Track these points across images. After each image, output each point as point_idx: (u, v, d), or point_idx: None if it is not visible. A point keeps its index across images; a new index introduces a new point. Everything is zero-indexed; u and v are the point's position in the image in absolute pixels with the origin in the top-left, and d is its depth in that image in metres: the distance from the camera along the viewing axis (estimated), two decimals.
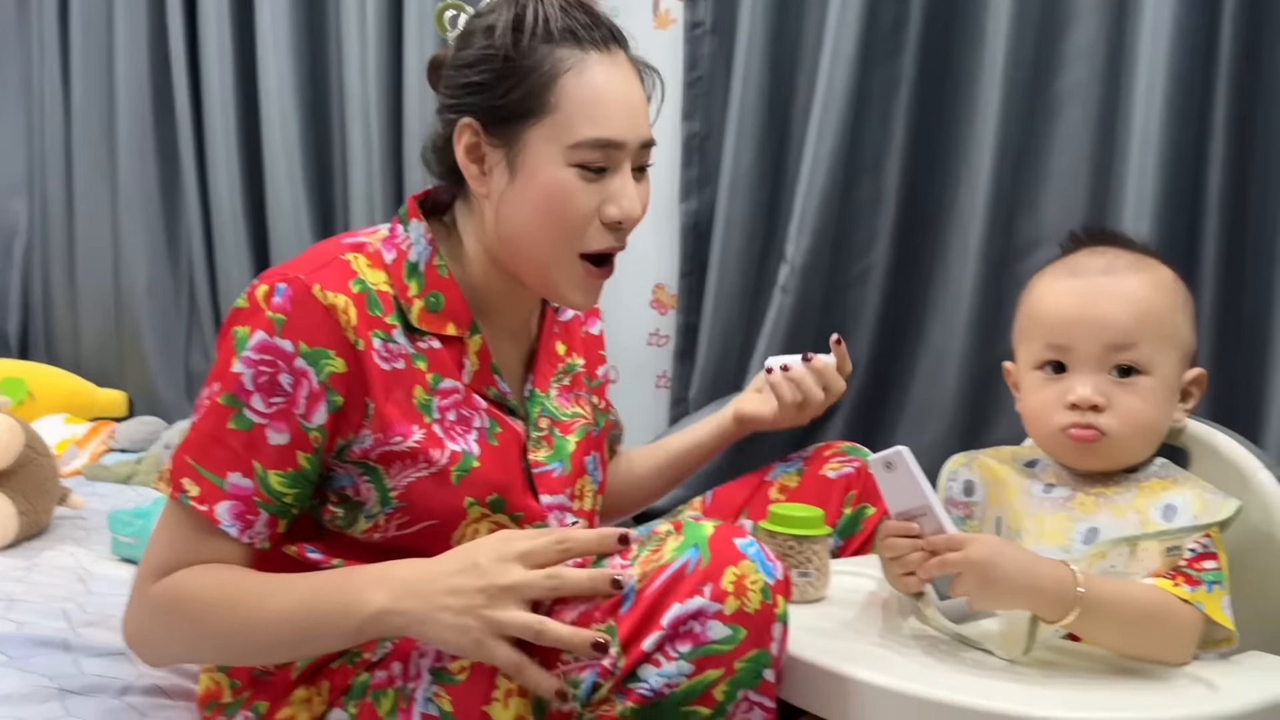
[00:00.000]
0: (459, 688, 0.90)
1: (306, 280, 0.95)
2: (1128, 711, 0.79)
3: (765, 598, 0.82)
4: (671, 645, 0.81)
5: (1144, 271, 0.95)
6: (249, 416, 0.94)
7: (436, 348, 1.02)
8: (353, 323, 0.96)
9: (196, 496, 0.94)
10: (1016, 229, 1.62)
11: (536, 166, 0.99)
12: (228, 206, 2.30)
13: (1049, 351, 0.93)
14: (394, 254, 1.02)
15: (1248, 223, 1.47)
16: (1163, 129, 1.46)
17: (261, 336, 0.94)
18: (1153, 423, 0.92)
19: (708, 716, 0.82)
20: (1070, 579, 0.82)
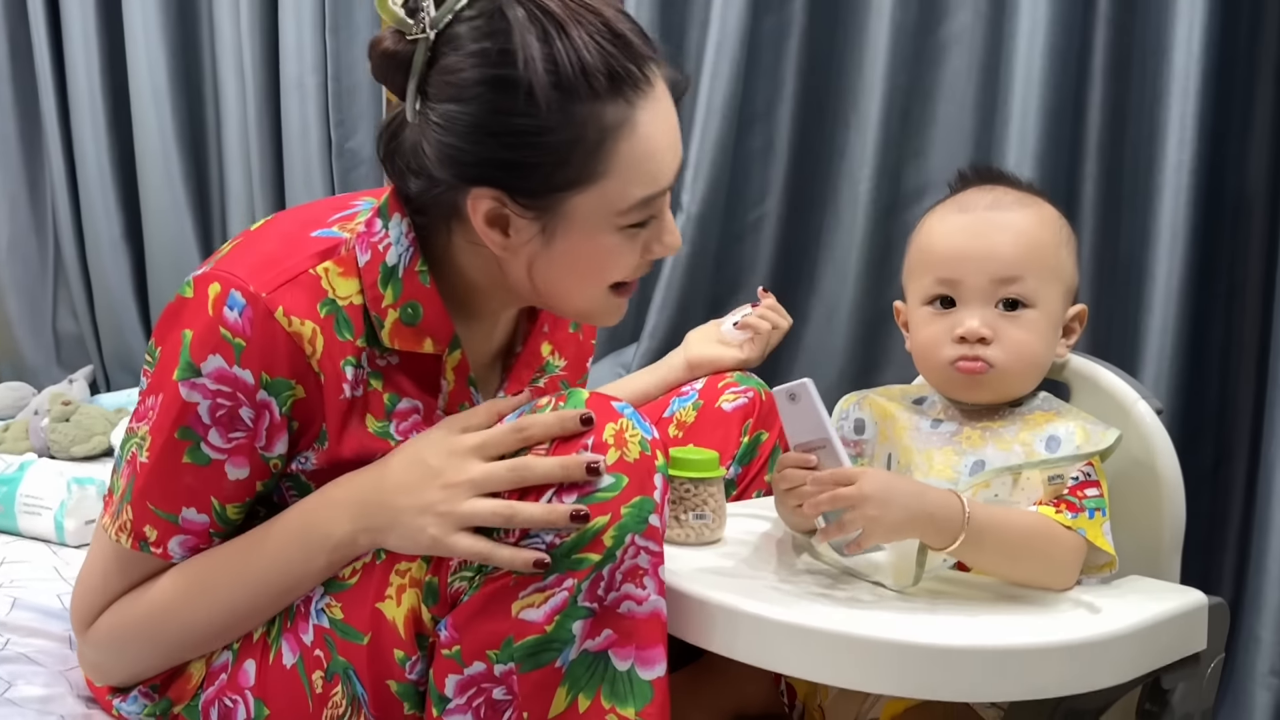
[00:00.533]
0: (349, 592, 0.88)
1: (269, 302, 0.85)
2: (1013, 636, 0.80)
3: (645, 449, 0.85)
4: (559, 498, 0.83)
5: (1030, 207, 0.96)
6: (206, 452, 0.87)
7: (394, 363, 0.92)
8: (318, 354, 0.87)
9: (155, 541, 0.90)
10: (904, 176, 1.64)
11: (581, 235, 0.87)
12: (93, 159, 2.19)
13: (938, 286, 0.95)
14: (369, 255, 0.89)
15: (1124, 166, 1.51)
16: (1044, 74, 1.49)
17: (218, 364, 0.85)
18: (1037, 355, 0.94)
19: (597, 562, 0.82)
20: (958, 506, 0.84)
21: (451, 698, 0.84)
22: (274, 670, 0.90)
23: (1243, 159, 1.46)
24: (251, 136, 2.08)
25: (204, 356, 0.85)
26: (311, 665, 0.89)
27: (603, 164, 0.84)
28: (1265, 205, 1.44)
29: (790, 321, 1.33)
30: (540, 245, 0.88)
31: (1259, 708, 1.36)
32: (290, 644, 0.90)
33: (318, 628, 0.89)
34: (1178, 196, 1.42)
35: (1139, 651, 0.85)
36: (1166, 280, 1.42)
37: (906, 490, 0.84)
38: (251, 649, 0.92)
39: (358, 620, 0.87)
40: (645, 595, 0.84)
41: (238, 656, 0.92)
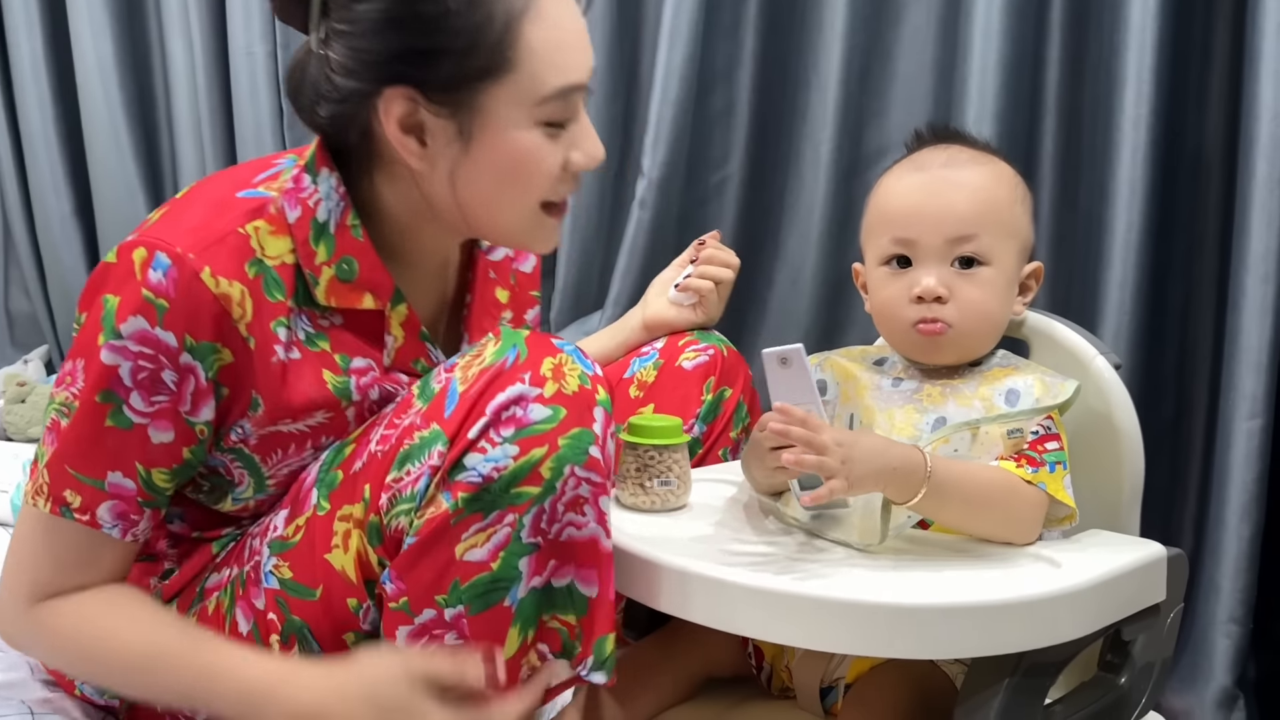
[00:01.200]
0: (296, 550, 0.87)
1: (195, 263, 0.83)
2: (973, 594, 0.81)
3: (584, 383, 0.84)
4: (495, 431, 0.81)
5: (985, 165, 0.96)
6: (128, 415, 0.84)
7: (338, 324, 0.90)
8: (246, 317, 0.85)
9: (78, 507, 0.86)
10: (865, 136, 1.64)
11: (499, 133, 0.85)
12: (40, 135, 2.13)
13: (894, 246, 0.94)
14: (299, 212, 0.88)
15: (1083, 122, 1.51)
16: (1002, 30, 1.48)
17: (140, 325, 0.82)
18: (994, 313, 0.94)
19: (537, 495, 0.81)
20: (920, 460, 0.84)
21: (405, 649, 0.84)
22: (232, 638, 0.89)
23: (1200, 114, 1.47)
24: (202, 107, 2.04)
25: (125, 318, 0.83)
26: (267, 629, 0.88)
27: (512, 50, 0.84)
28: (1222, 160, 1.45)
29: (737, 262, 1.27)
30: (460, 151, 0.86)
31: (1219, 654, 1.38)
32: (244, 611, 0.89)
33: (269, 591, 0.88)
34: (1135, 152, 1.42)
35: (1099, 605, 0.86)
36: (1125, 235, 1.43)
37: (871, 445, 0.84)
38: (208, 620, 0.91)
39: (307, 577, 0.87)
40: (585, 521, 0.84)
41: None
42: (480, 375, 0.83)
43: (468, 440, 0.81)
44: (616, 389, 1.24)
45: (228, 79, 2.01)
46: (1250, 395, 1.35)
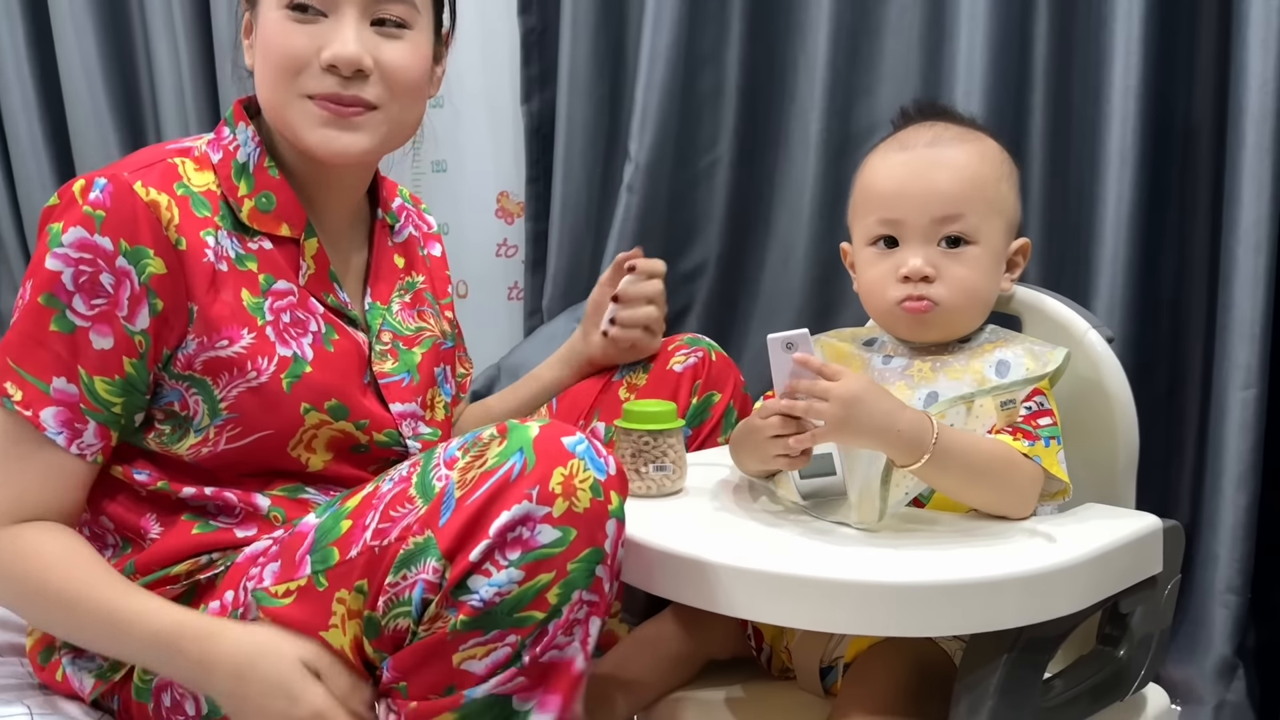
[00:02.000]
0: (288, 611, 0.87)
1: (129, 179, 0.92)
2: (970, 571, 0.81)
3: (596, 495, 0.80)
4: (500, 553, 0.79)
5: (970, 143, 0.96)
6: (70, 319, 0.91)
7: (268, 248, 0.99)
8: (175, 221, 0.93)
9: (20, 401, 0.91)
10: (854, 115, 1.63)
11: (262, 18, 0.99)
12: (26, 137, 2.12)
13: (881, 226, 0.94)
14: (221, 155, 1.00)
15: (1072, 96, 1.51)
16: (989, 6, 1.47)
17: (80, 233, 0.90)
18: (981, 290, 0.94)
19: (541, 620, 0.80)
20: (927, 425, 0.84)
21: None
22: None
23: (1190, 84, 1.46)
24: (188, 102, 2.02)
25: (67, 230, 0.91)
26: None
27: None
28: (1213, 129, 1.44)
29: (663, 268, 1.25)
30: (255, 41, 1.01)
31: (1217, 624, 1.39)
32: None
33: None
34: (1125, 123, 1.42)
35: (1096, 578, 0.86)
36: (1116, 207, 1.43)
37: (881, 407, 0.84)
38: None
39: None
40: (569, 642, 0.82)
41: None
42: (480, 481, 0.80)
43: (470, 563, 0.79)
44: (606, 390, 1.25)
45: (213, 76, 2.00)
46: (1244, 365, 1.35)
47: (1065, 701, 0.90)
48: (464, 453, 0.83)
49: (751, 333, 1.73)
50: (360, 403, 1.01)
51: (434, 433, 1.09)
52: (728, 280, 1.74)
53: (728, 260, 1.74)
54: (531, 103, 1.81)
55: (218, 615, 0.92)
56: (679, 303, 1.74)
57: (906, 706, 0.89)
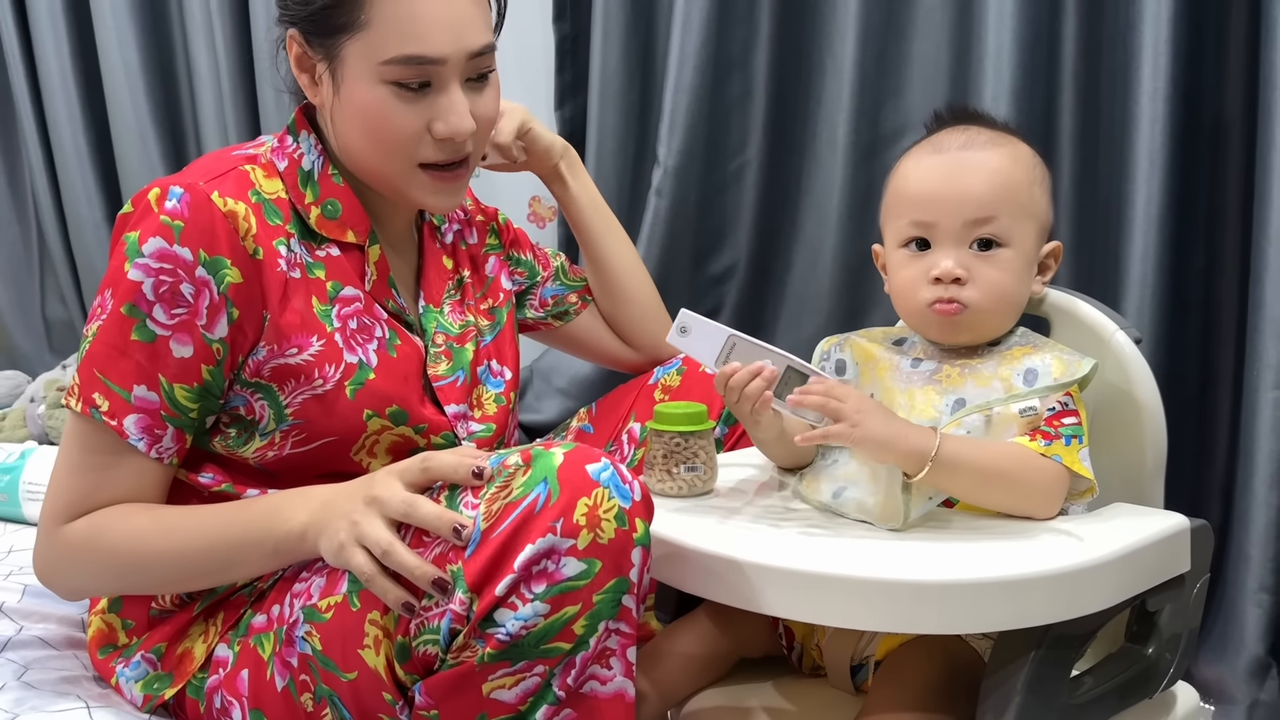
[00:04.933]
0: (326, 626, 0.89)
1: (205, 189, 0.94)
2: (998, 569, 0.82)
3: (621, 524, 0.81)
4: (526, 587, 0.79)
5: (1003, 147, 0.97)
6: (151, 328, 0.93)
7: (335, 255, 1.02)
8: (252, 230, 0.95)
9: (107, 411, 0.93)
10: (882, 117, 1.64)
11: (354, 84, 0.97)
12: (70, 143, 2.17)
13: (913, 229, 0.95)
14: (286, 163, 1.02)
15: (1101, 96, 1.51)
16: (1017, 7, 1.48)
17: (159, 244, 0.92)
18: (1012, 293, 0.95)
19: (568, 650, 0.81)
20: (931, 436, 0.85)
21: None
22: (268, 687, 0.92)
23: (1219, 84, 1.46)
24: (228, 111, 2.07)
25: (146, 240, 0.92)
26: (301, 687, 0.91)
27: (366, 11, 0.95)
28: (1242, 130, 1.44)
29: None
30: (333, 93, 0.99)
31: (1250, 624, 1.38)
32: (279, 666, 0.92)
33: (302, 655, 0.90)
34: (1154, 124, 1.42)
35: (1123, 577, 0.87)
36: (1146, 208, 1.43)
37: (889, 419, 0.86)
38: (248, 658, 0.94)
39: (339, 659, 0.89)
40: (610, 675, 0.84)
41: (237, 660, 0.95)
42: (505, 514, 0.81)
43: (495, 597, 0.80)
44: (642, 394, 1.27)
45: (253, 82, 2.04)
46: (1275, 365, 1.34)
47: (1094, 699, 0.91)
48: (489, 483, 0.84)
49: (780, 335, 1.75)
50: (418, 408, 1.04)
51: (486, 429, 1.12)
52: (756, 283, 1.76)
53: (756, 263, 1.75)
54: (564, 109, 1.84)
55: (263, 630, 0.94)
56: (708, 305, 1.76)
57: (937, 704, 0.90)
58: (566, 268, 1.33)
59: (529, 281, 1.29)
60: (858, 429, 0.84)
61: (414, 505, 0.84)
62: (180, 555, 0.93)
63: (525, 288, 1.29)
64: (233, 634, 0.97)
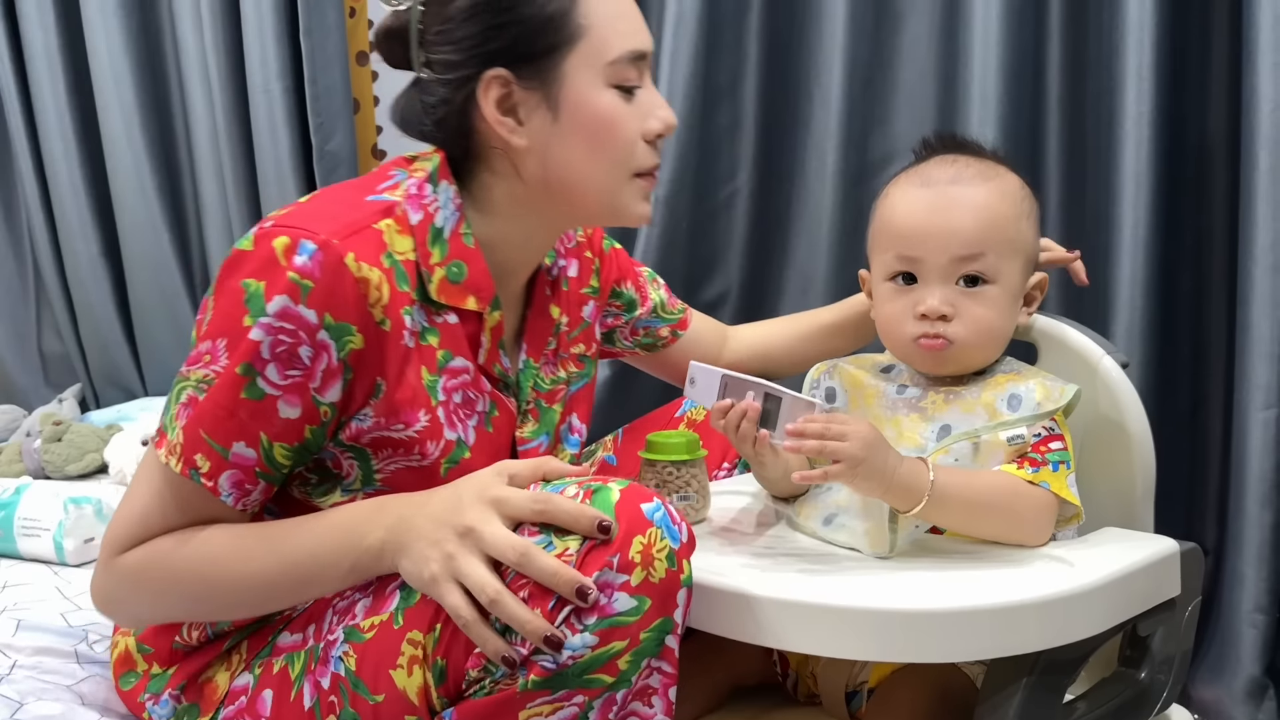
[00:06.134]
0: (365, 646, 0.88)
1: (340, 248, 0.88)
2: (989, 596, 0.83)
3: (671, 564, 0.81)
4: (577, 618, 0.79)
5: (991, 181, 0.97)
6: (262, 386, 0.88)
7: (451, 322, 0.97)
8: (383, 300, 0.90)
9: (206, 473, 0.89)
10: (870, 145, 1.65)
11: (580, 97, 0.94)
12: (66, 178, 2.19)
13: (899, 263, 0.96)
14: (421, 216, 0.95)
15: (1086, 121, 1.53)
16: (1001, 33, 1.50)
17: (285, 302, 0.87)
18: (999, 329, 0.95)
19: (610, 684, 0.81)
20: (925, 473, 0.85)
21: None
22: (293, 708, 0.91)
23: (1202, 108, 1.47)
24: (223, 145, 2.08)
25: (272, 298, 0.87)
26: (326, 709, 0.89)
27: (583, 17, 0.93)
28: (1226, 153, 1.45)
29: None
30: (550, 122, 0.95)
31: (1246, 645, 1.38)
32: (310, 685, 0.90)
33: (334, 675, 0.89)
34: (1139, 148, 1.43)
35: (1113, 602, 0.87)
36: (1133, 230, 1.44)
37: (886, 458, 0.86)
38: (271, 679, 0.93)
39: (370, 679, 0.87)
40: (652, 714, 0.84)
41: (258, 683, 0.93)
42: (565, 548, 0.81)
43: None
44: (668, 426, 1.26)
45: (247, 117, 2.05)
46: (1264, 385, 1.35)
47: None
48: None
49: None
50: None
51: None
52: (749, 310, 1.76)
53: (748, 290, 1.76)
54: None
55: (294, 649, 0.92)
56: None
57: None
58: (665, 301, 1.28)
59: (626, 315, 1.25)
60: (855, 470, 0.84)
61: (528, 556, 0.80)
62: (252, 576, 0.90)
63: (620, 321, 1.25)
64: (255, 659, 0.95)
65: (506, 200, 0.99)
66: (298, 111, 2.02)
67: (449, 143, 0.98)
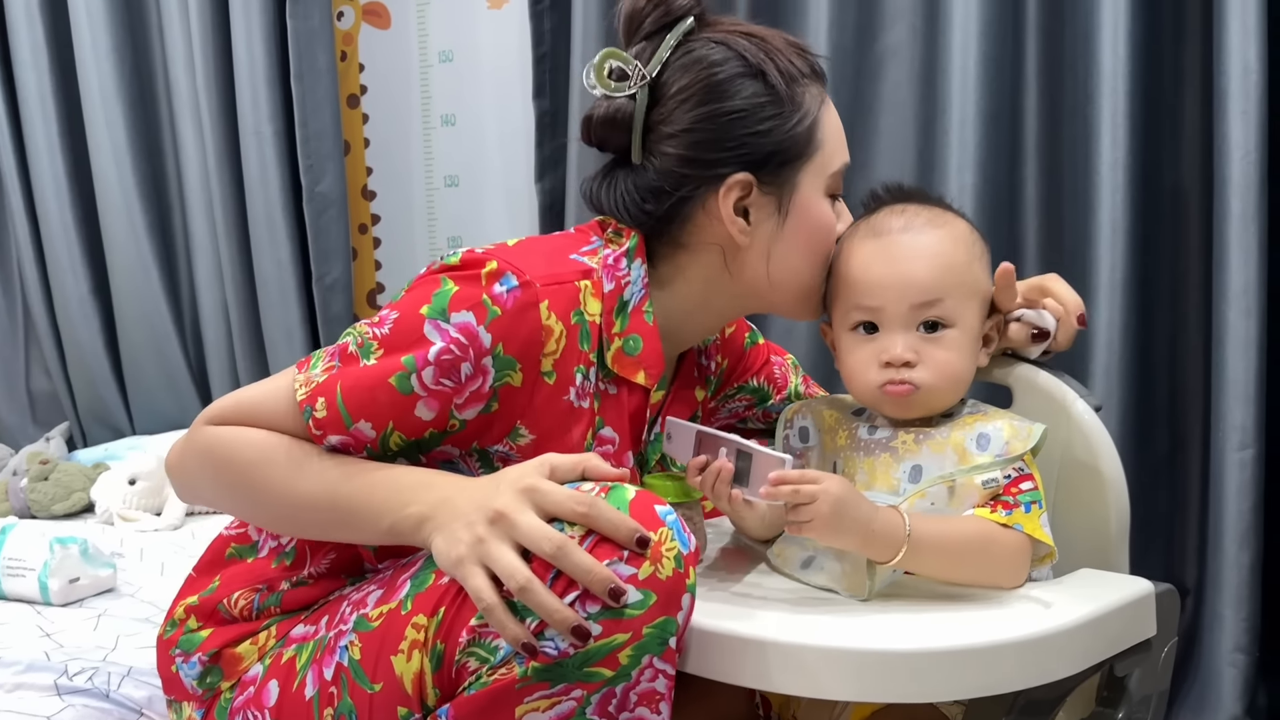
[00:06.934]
0: (371, 635, 0.88)
1: (539, 293, 0.92)
2: (965, 637, 0.83)
3: (678, 566, 0.82)
4: (582, 605, 0.80)
5: (942, 227, 0.98)
6: (411, 383, 0.90)
7: (614, 392, 0.99)
8: (557, 354, 0.93)
9: (320, 420, 0.92)
10: (852, 190, 1.66)
11: (808, 205, 1.01)
12: (56, 217, 2.20)
13: (860, 313, 0.97)
14: (613, 285, 0.99)
15: (1063, 166, 1.56)
16: (979, 82, 1.53)
17: (469, 319, 0.90)
18: (962, 371, 0.97)
19: (609, 678, 0.81)
20: (900, 523, 0.87)
21: None
22: (294, 698, 0.91)
23: (1176, 155, 1.51)
24: (213, 186, 2.10)
25: (459, 309, 0.91)
26: (325, 701, 0.90)
27: (819, 134, 1.00)
28: (1200, 199, 1.49)
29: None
30: (776, 226, 1.00)
31: (1227, 684, 1.40)
32: (314, 675, 0.91)
33: (338, 665, 0.90)
34: (1115, 193, 1.46)
35: (1089, 642, 0.88)
36: (1110, 274, 1.47)
37: (859, 511, 0.87)
38: (279, 669, 0.94)
39: (370, 667, 0.88)
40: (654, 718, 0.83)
41: (267, 673, 0.94)
42: (583, 538, 0.82)
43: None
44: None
45: (238, 159, 2.08)
46: (1240, 426, 1.38)
47: None
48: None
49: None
50: None
51: None
52: None
53: None
54: (544, 181, 1.88)
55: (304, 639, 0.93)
56: None
57: None
58: (803, 391, 1.26)
59: (759, 406, 1.25)
60: (830, 528, 0.86)
61: (565, 550, 0.80)
62: (300, 496, 0.92)
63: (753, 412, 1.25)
64: (270, 650, 0.96)
65: (700, 286, 1.03)
66: (288, 153, 2.05)
67: (656, 228, 1.01)
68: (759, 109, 0.98)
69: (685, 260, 1.02)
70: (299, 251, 2.09)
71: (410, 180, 2.13)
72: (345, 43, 2.14)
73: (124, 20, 2.14)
